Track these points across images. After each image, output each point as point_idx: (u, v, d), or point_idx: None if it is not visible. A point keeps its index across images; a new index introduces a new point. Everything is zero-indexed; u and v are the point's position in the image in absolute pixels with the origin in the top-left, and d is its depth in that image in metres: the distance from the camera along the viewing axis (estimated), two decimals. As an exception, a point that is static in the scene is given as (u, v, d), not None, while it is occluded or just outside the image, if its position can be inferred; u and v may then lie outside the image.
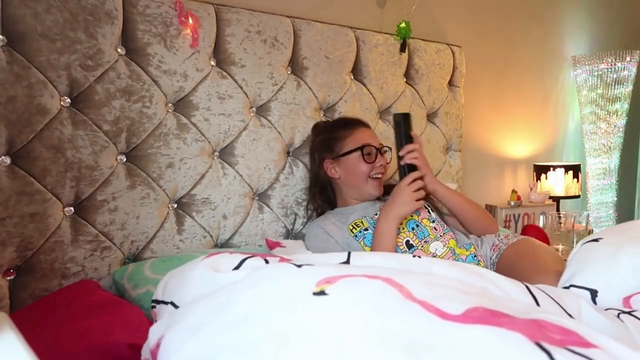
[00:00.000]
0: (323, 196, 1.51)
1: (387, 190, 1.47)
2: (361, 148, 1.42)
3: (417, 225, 1.37)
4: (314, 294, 0.59)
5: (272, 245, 1.42)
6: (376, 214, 1.40)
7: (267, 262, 0.74)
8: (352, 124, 1.49)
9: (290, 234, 1.58)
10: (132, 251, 1.28)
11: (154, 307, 0.75)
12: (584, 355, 0.50)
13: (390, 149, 1.50)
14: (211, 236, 1.41)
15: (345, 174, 1.44)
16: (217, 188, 1.42)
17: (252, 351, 0.52)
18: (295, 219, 1.59)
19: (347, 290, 0.60)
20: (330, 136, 1.48)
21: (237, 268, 0.72)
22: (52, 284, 1.15)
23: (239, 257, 0.74)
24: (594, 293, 0.91)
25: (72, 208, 1.18)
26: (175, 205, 1.36)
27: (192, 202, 1.38)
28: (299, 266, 0.69)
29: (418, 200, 1.27)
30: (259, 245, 1.51)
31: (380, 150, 1.46)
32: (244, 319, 0.57)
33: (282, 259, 0.75)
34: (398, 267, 0.80)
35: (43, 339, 0.81)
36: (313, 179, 1.53)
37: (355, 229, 1.37)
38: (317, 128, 1.58)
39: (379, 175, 1.44)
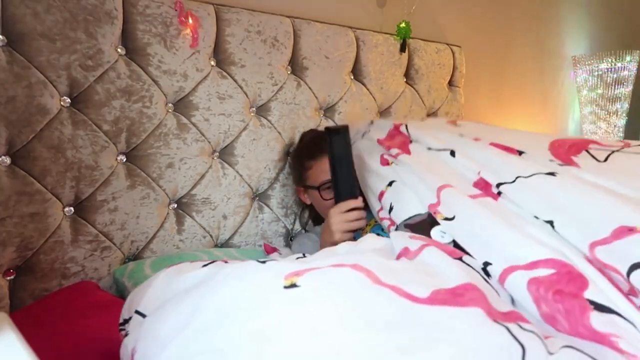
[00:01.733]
0: (308, 213, 1.57)
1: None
2: (318, 188, 1.35)
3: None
4: (285, 287, 0.60)
5: (269, 251, 1.44)
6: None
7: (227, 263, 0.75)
8: (315, 152, 1.39)
9: (290, 234, 1.58)
10: (132, 251, 1.28)
11: (122, 329, 0.73)
12: (531, 331, 0.58)
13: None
14: (211, 236, 1.41)
15: (314, 203, 1.44)
16: (217, 188, 1.42)
17: (235, 352, 0.52)
18: (295, 219, 1.59)
19: (317, 281, 0.62)
20: (296, 164, 1.48)
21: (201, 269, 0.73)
22: (52, 284, 1.15)
23: (201, 263, 0.75)
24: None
25: (72, 208, 1.18)
26: (175, 205, 1.36)
27: (192, 202, 1.38)
28: (263, 262, 0.69)
29: (349, 231, 1.12)
30: (259, 245, 1.51)
31: None
32: (217, 321, 0.57)
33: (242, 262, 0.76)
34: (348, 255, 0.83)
35: (43, 339, 0.81)
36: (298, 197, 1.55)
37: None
38: (299, 142, 1.55)
39: None
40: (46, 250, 1.14)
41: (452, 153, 1.11)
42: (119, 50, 1.24)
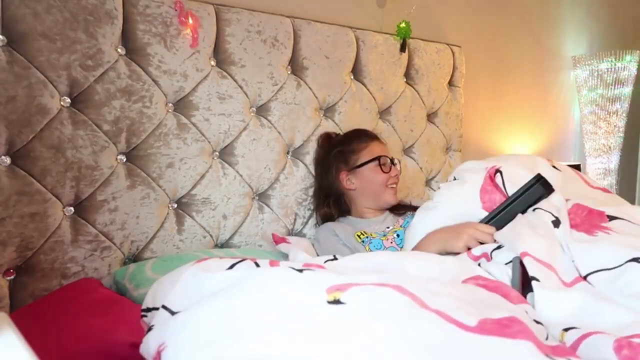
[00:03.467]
0: (337, 206, 1.57)
1: (399, 207, 1.54)
2: (378, 159, 1.50)
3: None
4: (329, 302, 0.59)
5: (278, 241, 1.44)
6: (388, 227, 1.46)
7: (257, 265, 0.73)
8: (365, 137, 1.56)
9: (290, 234, 1.58)
10: (132, 251, 1.28)
11: (144, 316, 0.72)
12: None
13: (400, 161, 1.60)
14: (211, 236, 1.41)
15: (363, 184, 1.51)
16: (217, 188, 1.42)
17: None
18: (295, 219, 1.59)
19: (362, 300, 0.60)
20: (345, 149, 1.55)
21: (230, 269, 0.71)
22: (52, 284, 1.15)
23: (229, 261, 0.73)
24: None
25: (72, 208, 1.18)
26: (175, 205, 1.36)
27: (192, 202, 1.38)
28: (300, 271, 0.67)
29: (467, 247, 1.10)
30: (259, 245, 1.51)
31: (392, 161, 1.53)
32: (256, 329, 0.55)
33: (272, 262, 0.74)
34: (379, 267, 0.82)
35: (44, 338, 0.80)
36: (326, 188, 1.57)
37: (363, 235, 1.42)
38: (328, 140, 1.62)
39: (394, 185, 1.52)
40: (46, 250, 1.14)
41: (556, 223, 1.01)
42: (119, 50, 1.24)
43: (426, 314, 0.59)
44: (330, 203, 1.56)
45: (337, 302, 0.59)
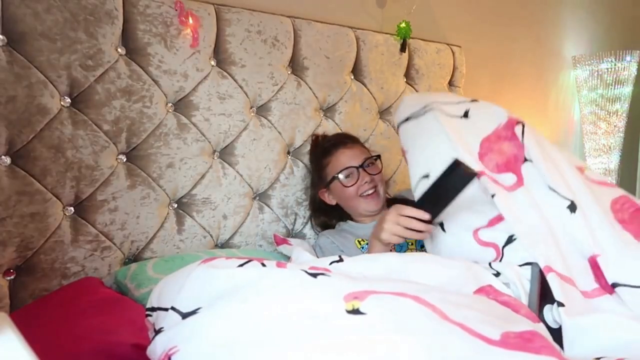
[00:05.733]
0: (333, 214, 1.52)
1: (397, 202, 1.40)
2: (337, 175, 1.41)
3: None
4: (348, 312, 0.57)
5: (279, 242, 1.43)
6: None
7: (264, 266, 0.71)
8: (330, 148, 1.46)
9: (290, 234, 1.58)
10: (132, 251, 1.28)
11: (149, 315, 0.71)
12: None
13: (379, 156, 1.48)
14: (211, 236, 1.41)
15: (339, 199, 1.47)
16: (217, 188, 1.41)
17: None
18: (295, 219, 1.59)
19: (383, 310, 0.58)
20: (315, 167, 1.51)
21: (240, 267, 0.69)
22: (52, 284, 1.15)
23: (237, 261, 0.71)
24: None
25: (72, 208, 1.18)
26: (176, 205, 1.36)
27: (192, 202, 1.37)
28: (314, 275, 0.65)
29: (399, 236, 1.03)
30: (259, 246, 1.51)
31: (363, 166, 1.41)
32: (277, 340, 0.54)
33: (279, 264, 0.72)
34: (387, 270, 0.80)
35: (44, 338, 0.80)
36: (319, 200, 1.52)
37: (362, 242, 1.40)
38: (314, 148, 1.57)
39: (370, 191, 1.40)
40: (46, 250, 1.14)
41: (572, 207, 0.93)
42: (119, 50, 1.24)
43: (449, 327, 0.57)
44: (327, 212, 1.53)
45: (356, 311, 0.57)
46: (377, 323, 0.55)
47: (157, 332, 0.64)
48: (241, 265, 0.70)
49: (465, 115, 1.14)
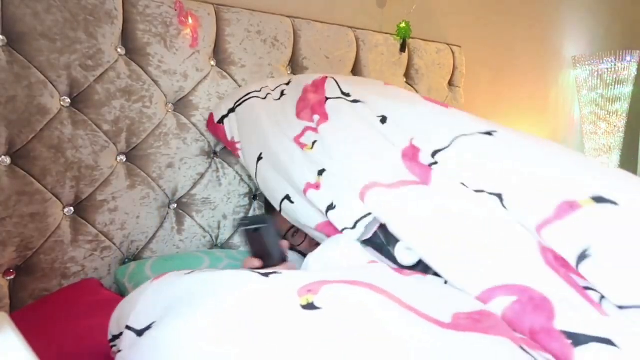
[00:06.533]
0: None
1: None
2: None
3: None
4: (303, 307, 0.56)
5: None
6: None
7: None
8: None
9: (290, 234, 1.58)
10: (132, 251, 1.28)
11: (113, 345, 0.69)
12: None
13: None
14: (211, 236, 1.41)
15: None
16: (217, 188, 1.42)
17: None
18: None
19: (338, 303, 0.57)
20: None
21: (188, 274, 0.67)
22: (52, 284, 1.15)
23: (183, 272, 0.69)
24: None
25: (72, 208, 1.18)
26: (175, 205, 1.36)
27: (192, 202, 1.38)
28: (266, 275, 0.63)
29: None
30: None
31: None
32: (233, 343, 0.52)
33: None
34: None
35: (44, 339, 0.80)
36: None
37: None
38: None
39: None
40: (46, 250, 1.14)
41: (383, 119, 0.96)
42: (119, 50, 1.24)
43: (406, 315, 0.57)
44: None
45: (311, 307, 0.56)
46: (333, 318, 0.54)
47: (117, 354, 0.62)
48: (188, 273, 0.67)
49: (282, 94, 1.26)
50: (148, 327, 0.61)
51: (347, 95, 1.08)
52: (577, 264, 0.61)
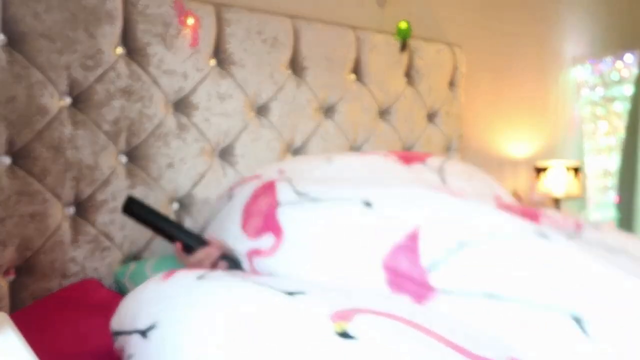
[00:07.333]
0: None
1: None
2: None
3: None
4: (338, 334, 0.54)
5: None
6: None
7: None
8: None
9: (290, 234, 1.58)
10: (132, 251, 1.28)
11: (116, 340, 0.69)
12: None
13: None
14: (211, 236, 1.41)
15: None
16: (217, 188, 1.41)
17: None
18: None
19: (375, 333, 0.55)
20: None
21: (201, 278, 0.66)
22: (52, 284, 1.15)
23: (195, 273, 0.68)
24: None
25: (72, 208, 1.18)
26: (175, 206, 1.36)
27: (192, 202, 1.37)
28: (291, 294, 0.61)
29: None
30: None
31: None
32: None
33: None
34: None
35: (44, 339, 0.80)
36: None
37: None
38: None
39: None
40: (46, 250, 1.14)
41: (368, 203, 0.82)
42: (119, 50, 1.24)
43: (449, 352, 0.54)
44: None
45: (345, 335, 0.54)
46: (372, 350, 0.52)
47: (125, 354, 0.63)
48: (200, 277, 0.66)
49: (229, 197, 1.11)
50: (152, 327, 0.62)
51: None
52: None
